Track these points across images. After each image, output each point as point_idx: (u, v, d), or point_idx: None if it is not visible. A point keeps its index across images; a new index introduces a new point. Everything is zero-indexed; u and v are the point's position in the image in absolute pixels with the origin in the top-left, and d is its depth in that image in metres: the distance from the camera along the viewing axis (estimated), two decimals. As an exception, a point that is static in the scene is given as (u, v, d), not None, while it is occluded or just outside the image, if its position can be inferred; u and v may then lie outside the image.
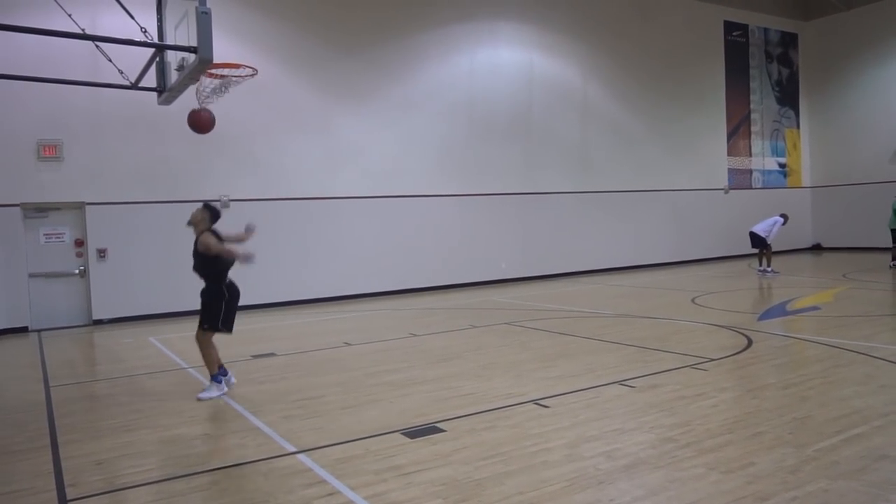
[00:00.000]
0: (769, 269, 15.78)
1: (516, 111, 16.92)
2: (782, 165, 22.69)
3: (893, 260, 16.18)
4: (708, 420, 5.15)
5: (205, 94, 9.99)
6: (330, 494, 4.05)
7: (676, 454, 4.47)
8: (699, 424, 5.06)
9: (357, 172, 14.72)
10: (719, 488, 3.90)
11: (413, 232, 15.33)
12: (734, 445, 4.58)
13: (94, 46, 7.95)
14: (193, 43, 6.02)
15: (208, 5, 5.93)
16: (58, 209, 12.12)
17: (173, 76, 7.24)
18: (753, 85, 21.87)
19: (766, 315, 10.23)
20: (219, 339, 6.79)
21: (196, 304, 6.83)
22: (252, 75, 10.40)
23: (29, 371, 8.46)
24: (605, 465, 4.32)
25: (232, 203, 13.26)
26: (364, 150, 14.81)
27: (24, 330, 11.67)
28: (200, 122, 6.42)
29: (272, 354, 8.69)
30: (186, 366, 8.14)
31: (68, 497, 4.21)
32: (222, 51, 8.52)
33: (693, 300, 12.11)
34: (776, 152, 22.57)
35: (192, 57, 6.21)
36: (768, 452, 4.43)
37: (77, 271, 12.25)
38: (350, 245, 14.55)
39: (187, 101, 9.66)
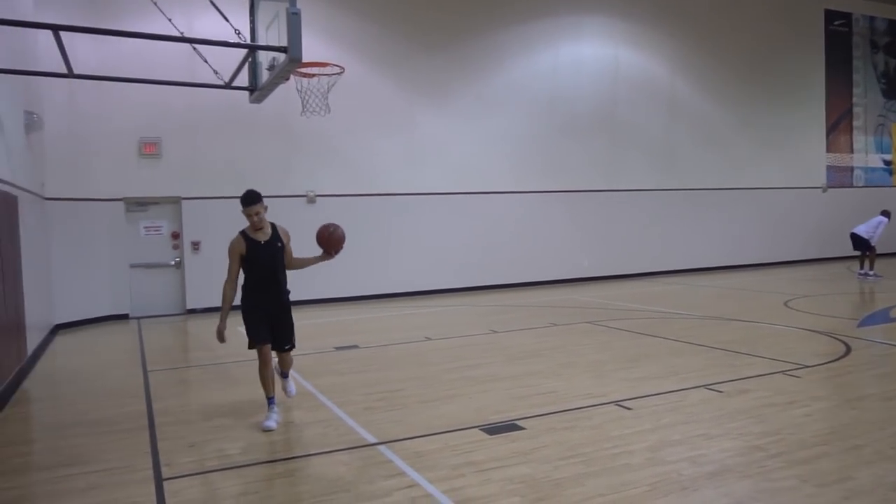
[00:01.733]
0: (871, 273, 14.89)
1: (600, 106, 16.60)
2: (888, 163, 21.32)
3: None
4: (800, 429, 4.91)
5: (310, 107, 10.38)
6: (409, 486, 4.10)
7: (766, 464, 4.28)
8: (791, 434, 4.82)
9: (438, 169, 14.82)
10: (813, 502, 3.71)
11: (494, 228, 15.31)
12: (829, 458, 4.35)
13: (192, 48, 8.33)
14: (284, 43, 6.20)
15: (298, 6, 6.09)
16: (156, 203, 12.77)
17: (264, 75, 7.48)
18: (857, 77, 20.64)
19: (867, 321, 9.65)
20: (309, 329, 6.95)
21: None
22: (339, 73, 10.65)
23: (129, 356, 8.97)
24: (689, 471, 4.19)
25: (317, 198, 13.63)
26: (445, 146, 14.90)
27: (125, 317, 12.37)
28: (332, 240, 5.78)
29: (355, 346, 8.88)
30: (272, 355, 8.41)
31: (163, 476, 4.43)
32: (310, 50, 8.74)
33: (786, 303, 11.56)
34: (881, 148, 21.23)
35: (282, 56, 6.40)
36: (868, 467, 4.18)
37: (173, 262, 12.89)
38: (431, 241, 14.67)
39: (277, 100, 9.99)
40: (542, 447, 4.70)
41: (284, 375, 5.98)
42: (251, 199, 5.55)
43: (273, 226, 5.74)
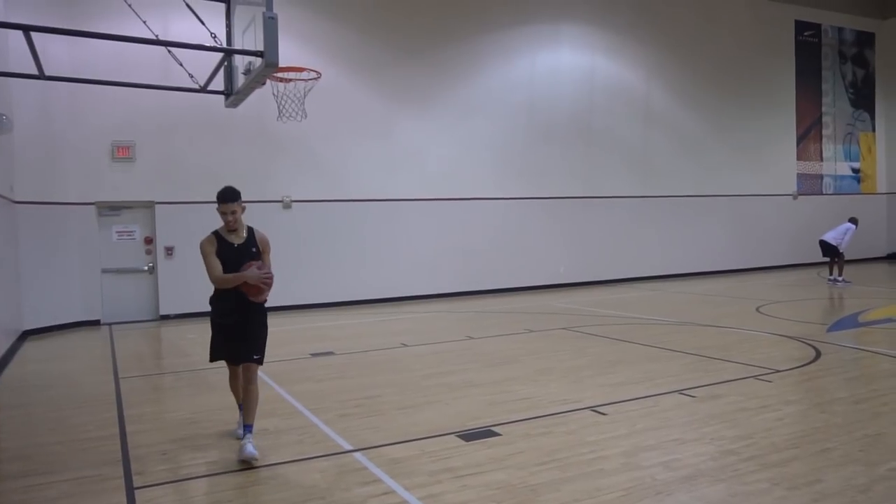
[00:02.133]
0: (840, 279, 15.17)
1: (577, 114, 16.75)
2: (856, 170, 21.78)
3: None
4: (772, 433, 4.98)
5: (286, 112, 10.35)
6: (385, 493, 4.08)
7: (738, 467, 4.33)
8: (763, 438, 4.89)
9: (416, 175, 14.83)
10: (784, 504, 3.77)
11: (471, 235, 15.34)
12: (800, 461, 4.42)
13: (166, 52, 8.24)
14: (260, 47, 6.18)
15: (274, 11, 6.07)
16: (129, 208, 12.61)
17: (240, 80, 7.44)
18: (826, 87, 21.07)
19: (837, 326, 9.83)
20: (284, 335, 6.91)
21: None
22: (316, 79, 10.62)
23: (101, 363, 8.82)
24: (664, 476, 4.23)
25: (294, 204, 13.56)
26: (423, 152, 14.91)
27: (96, 323, 12.18)
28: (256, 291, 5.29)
29: (330, 353, 8.83)
30: (248, 362, 8.34)
31: (135, 485, 4.37)
32: (287, 55, 8.71)
33: (758, 309, 11.74)
34: (849, 157, 21.68)
35: (258, 61, 6.37)
36: (837, 470, 4.26)
37: (146, 268, 12.72)
38: (408, 247, 14.66)
39: (253, 104, 9.93)
40: (519, 453, 4.72)
41: (246, 428, 4.88)
42: (226, 196, 4.94)
43: (250, 230, 5.14)
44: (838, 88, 21.37)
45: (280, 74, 10.25)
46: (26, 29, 6.02)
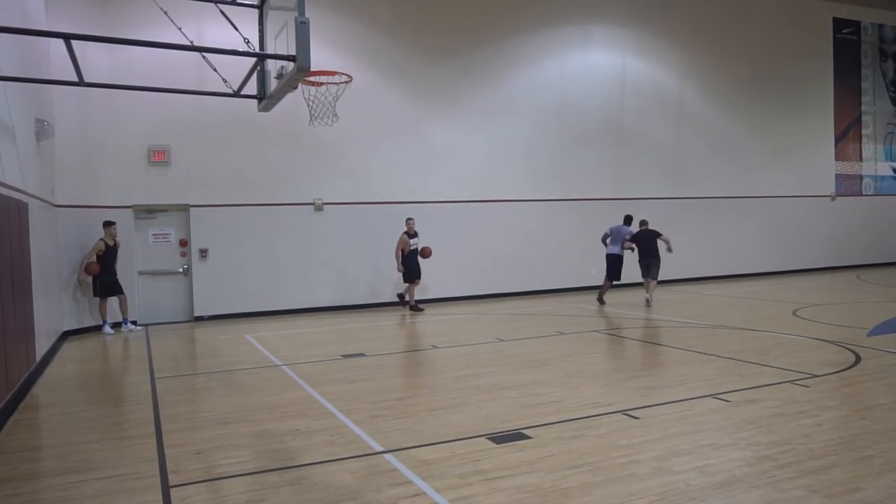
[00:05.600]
0: None
1: (608, 115, 16.61)
2: (897, 171, 21.23)
3: None
4: (810, 440, 4.87)
5: (317, 116, 10.43)
6: (415, 495, 4.09)
7: (775, 474, 4.25)
8: (800, 444, 4.79)
9: (446, 177, 14.84)
10: (822, 512, 3.68)
11: (501, 237, 15.31)
12: (839, 468, 4.31)
13: (201, 57, 8.37)
14: (292, 52, 6.23)
15: (307, 15, 6.12)
16: (165, 211, 12.83)
17: (273, 84, 7.52)
18: (865, 85, 20.57)
19: (877, 330, 9.58)
20: (316, 337, 6.96)
21: (289, 303, 7.00)
22: (347, 82, 10.69)
23: (137, 363, 8.99)
24: (697, 481, 4.16)
25: (325, 206, 13.67)
26: (453, 154, 14.92)
27: (133, 324, 12.39)
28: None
29: (362, 355, 8.87)
30: (280, 363, 8.44)
31: (170, 483, 4.44)
32: (319, 59, 8.78)
33: (795, 312, 11.50)
34: (891, 157, 21.13)
35: (290, 65, 6.43)
36: (878, 478, 4.15)
37: (181, 270, 12.93)
38: (438, 249, 14.64)
39: (285, 108, 10.03)
40: (550, 456, 4.69)
41: None
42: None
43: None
44: (878, 87, 20.85)
45: (312, 78, 10.33)
46: (67, 37, 6.16)
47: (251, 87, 7.94)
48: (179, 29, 8.44)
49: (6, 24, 6.66)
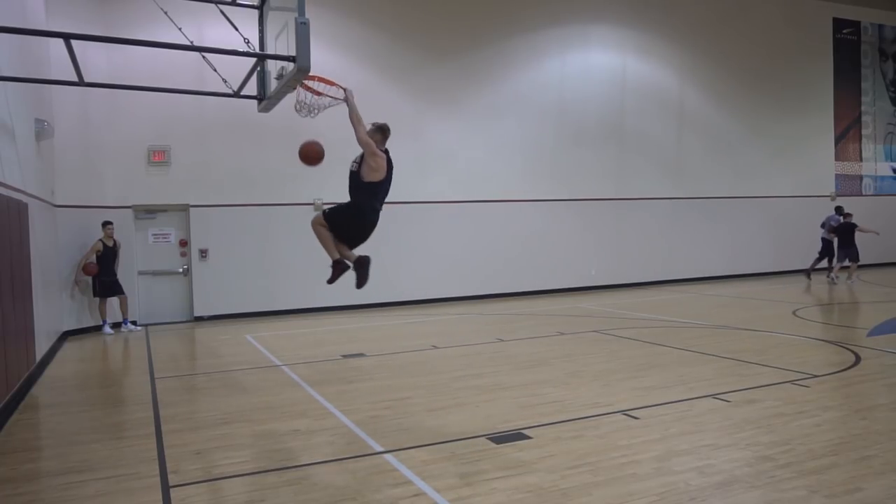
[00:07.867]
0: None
1: (608, 115, 16.60)
2: (897, 171, 21.23)
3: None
4: (810, 440, 4.87)
5: (304, 113, 10.34)
6: (415, 495, 4.09)
7: (775, 474, 4.25)
8: (800, 444, 4.79)
9: (446, 177, 14.84)
10: (822, 512, 3.68)
11: (501, 237, 15.30)
12: (839, 468, 4.32)
13: (201, 57, 8.38)
14: (292, 52, 6.24)
15: (307, 16, 6.13)
16: (165, 211, 12.83)
17: (273, 85, 7.53)
18: (865, 85, 20.57)
19: (877, 330, 9.58)
20: (316, 337, 6.97)
21: (289, 303, 7.00)
22: (339, 102, 10.61)
23: (137, 363, 9.00)
24: (697, 481, 4.16)
25: (325, 206, 13.64)
26: (453, 154, 14.91)
27: (133, 324, 12.39)
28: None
29: (361, 355, 8.87)
30: (279, 363, 8.44)
31: (170, 483, 4.44)
32: (318, 59, 8.77)
33: (794, 312, 11.50)
34: (890, 157, 21.13)
35: (290, 66, 6.44)
36: (878, 478, 4.15)
37: (181, 270, 12.93)
38: (438, 249, 14.68)
39: (285, 109, 10.03)
40: (549, 456, 4.69)
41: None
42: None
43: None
44: (878, 87, 20.85)
45: (310, 83, 10.29)
46: (67, 37, 6.16)
47: (251, 88, 7.96)
48: (179, 29, 8.44)
49: (6, 24, 6.65)
